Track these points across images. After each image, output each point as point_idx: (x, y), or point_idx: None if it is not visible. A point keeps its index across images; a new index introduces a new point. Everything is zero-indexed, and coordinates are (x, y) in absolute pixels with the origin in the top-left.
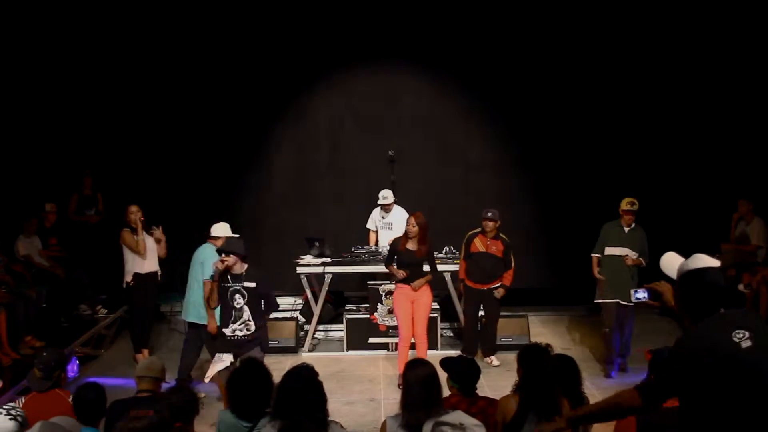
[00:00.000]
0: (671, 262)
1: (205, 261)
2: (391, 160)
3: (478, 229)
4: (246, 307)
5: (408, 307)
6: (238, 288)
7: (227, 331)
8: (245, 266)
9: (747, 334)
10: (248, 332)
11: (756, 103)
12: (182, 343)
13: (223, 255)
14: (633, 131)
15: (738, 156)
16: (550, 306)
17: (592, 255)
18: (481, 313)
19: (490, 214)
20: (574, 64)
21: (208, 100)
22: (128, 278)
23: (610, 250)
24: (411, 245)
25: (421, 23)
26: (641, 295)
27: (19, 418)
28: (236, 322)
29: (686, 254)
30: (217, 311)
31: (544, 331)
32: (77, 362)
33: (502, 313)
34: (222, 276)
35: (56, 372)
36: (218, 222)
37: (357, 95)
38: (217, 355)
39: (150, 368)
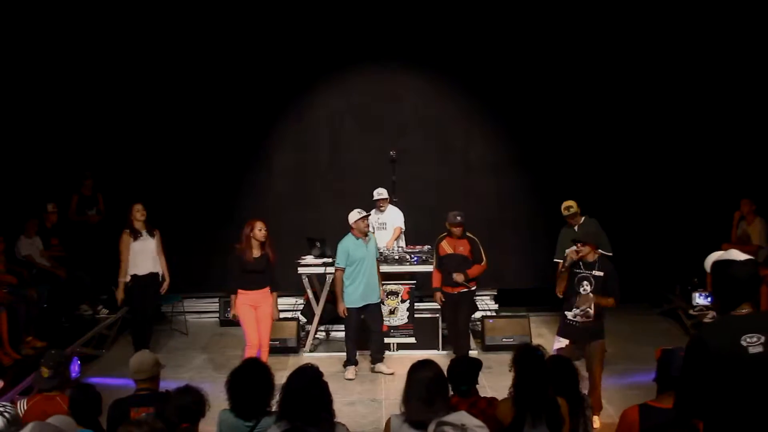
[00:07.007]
0: (711, 258)
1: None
2: (392, 160)
3: (444, 233)
4: (591, 295)
5: (252, 313)
6: (586, 275)
7: (569, 315)
8: (597, 255)
9: (762, 338)
10: (587, 319)
11: (758, 103)
12: (183, 343)
13: (579, 245)
14: (634, 131)
15: (740, 156)
16: (551, 306)
17: (555, 260)
18: None
19: (459, 218)
20: (575, 64)
21: (209, 100)
22: (126, 279)
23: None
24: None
25: (422, 23)
26: (702, 300)
27: (6, 415)
28: (578, 307)
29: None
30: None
31: (545, 331)
32: (78, 362)
33: (502, 314)
34: (575, 263)
35: (63, 369)
36: None
37: (357, 95)
38: (556, 337)
39: (140, 370)
